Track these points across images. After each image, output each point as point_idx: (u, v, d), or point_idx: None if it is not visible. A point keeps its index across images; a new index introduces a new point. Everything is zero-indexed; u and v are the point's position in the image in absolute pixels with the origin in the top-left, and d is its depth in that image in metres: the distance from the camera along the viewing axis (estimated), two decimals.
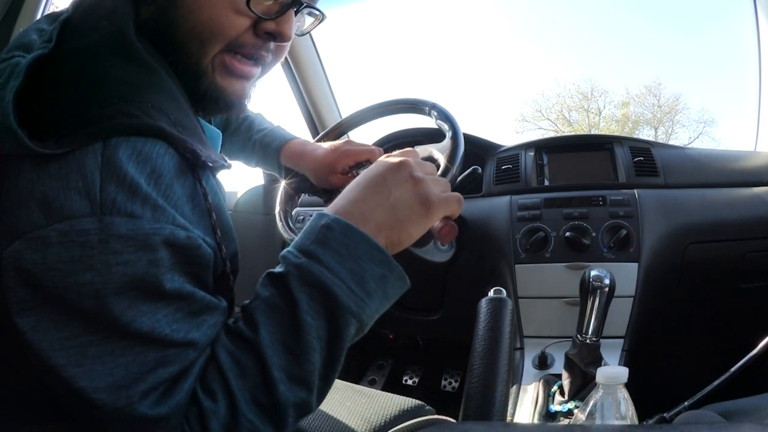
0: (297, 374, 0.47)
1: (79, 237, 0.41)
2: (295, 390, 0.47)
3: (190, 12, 0.52)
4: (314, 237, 0.49)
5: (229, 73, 0.57)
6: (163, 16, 0.53)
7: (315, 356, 0.47)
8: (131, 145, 0.44)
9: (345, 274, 0.47)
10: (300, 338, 0.46)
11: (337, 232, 0.49)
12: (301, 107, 1.61)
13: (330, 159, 0.89)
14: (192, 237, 0.46)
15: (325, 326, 0.47)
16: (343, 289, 0.47)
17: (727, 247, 1.12)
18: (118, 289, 0.42)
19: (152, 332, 0.44)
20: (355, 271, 0.48)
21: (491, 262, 1.18)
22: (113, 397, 0.42)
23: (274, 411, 0.46)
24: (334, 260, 0.48)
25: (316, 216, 0.51)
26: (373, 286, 0.48)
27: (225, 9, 0.53)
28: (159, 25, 0.53)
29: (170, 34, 0.53)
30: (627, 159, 1.23)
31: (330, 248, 0.48)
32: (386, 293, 0.50)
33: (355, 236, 0.49)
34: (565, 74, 20.41)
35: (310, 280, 0.47)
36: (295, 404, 0.47)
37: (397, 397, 0.87)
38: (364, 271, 0.48)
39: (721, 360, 0.75)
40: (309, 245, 0.49)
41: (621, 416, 0.59)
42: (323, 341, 0.47)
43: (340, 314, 0.47)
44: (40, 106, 0.46)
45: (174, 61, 0.54)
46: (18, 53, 0.48)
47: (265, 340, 0.46)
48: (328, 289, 0.47)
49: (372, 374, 1.69)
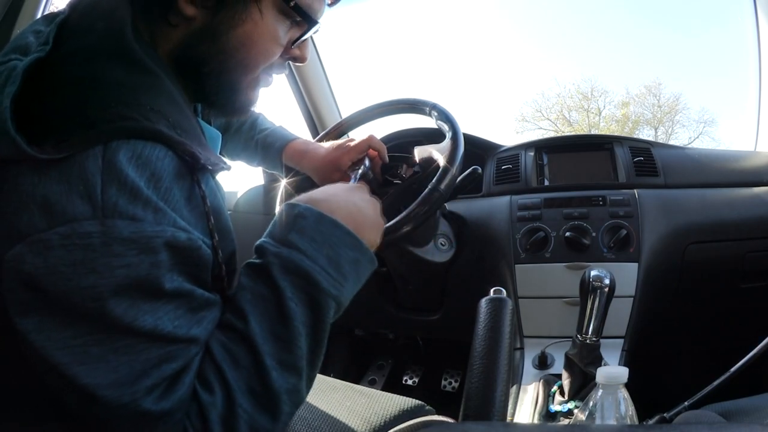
0: (287, 360, 0.48)
1: (81, 240, 0.41)
2: (286, 376, 0.48)
3: (242, 45, 0.55)
4: (290, 226, 0.52)
5: (258, 86, 0.61)
6: (205, 46, 0.54)
7: (302, 341, 0.49)
8: (131, 149, 0.44)
9: (323, 259, 0.50)
10: (287, 325, 0.48)
11: (310, 220, 0.52)
12: (301, 107, 1.61)
13: (332, 157, 0.89)
14: (192, 239, 0.47)
15: (309, 312, 0.50)
16: (323, 274, 0.50)
17: (727, 247, 1.12)
18: (120, 291, 0.43)
19: (155, 330, 0.44)
20: (331, 256, 0.51)
21: (491, 262, 1.18)
22: (117, 394, 0.43)
23: (269, 399, 0.47)
24: (312, 247, 0.50)
25: (287, 206, 0.54)
26: (348, 269, 0.52)
27: (271, 42, 0.57)
28: (197, 52, 0.55)
29: (213, 63, 0.55)
30: (627, 159, 1.23)
31: (306, 236, 0.51)
32: (359, 275, 0.53)
33: (327, 223, 0.52)
34: (565, 74, 20.37)
35: (291, 268, 0.49)
36: (287, 390, 0.48)
37: (397, 397, 0.87)
38: (339, 256, 0.51)
39: (721, 360, 0.75)
40: (286, 234, 0.51)
41: (621, 416, 0.59)
42: (308, 326, 0.50)
43: (321, 298, 0.49)
44: (38, 109, 0.45)
45: (211, 83, 0.57)
46: (15, 56, 0.48)
47: (255, 329, 0.48)
48: (309, 276, 0.49)
49: (372, 374, 1.69)
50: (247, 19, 0.54)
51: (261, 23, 0.55)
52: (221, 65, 0.56)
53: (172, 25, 0.53)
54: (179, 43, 0.54)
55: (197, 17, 0.53)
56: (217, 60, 0.55)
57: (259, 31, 0.55)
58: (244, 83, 0.58)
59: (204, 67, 0.55)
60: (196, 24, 0.53)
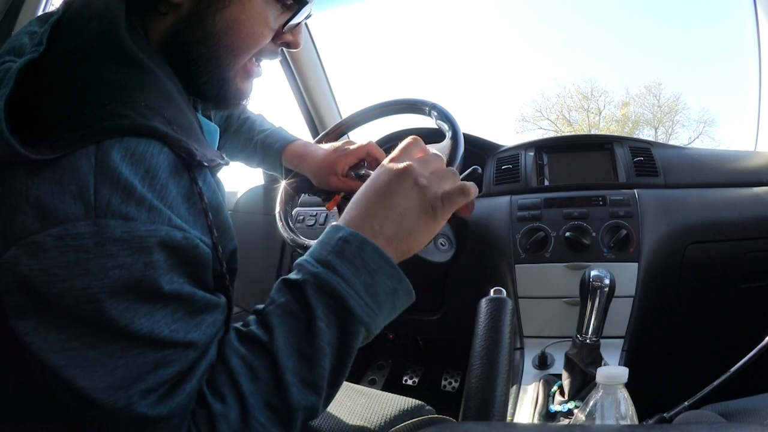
0: (309, 379, 0.48)
1: (74, 241, 0.41)
2: (305, 394, 0.48)
3: (229, 28, 0.55)
4: (331, 248, 0.51)
5: (249, 76, 0.61)
6: (192, 31, 0.55)
7: (326, 362, 0.48)
8: (124, 146, 0.44)
9: (359, 285, 0.49)
10: (313, 344, 0.48)
11: (354, 245, 0.51)
12: (301, 107, 1.61)
13: (330, 160, 0.89)
14: (188, 237, 0.46)
15: (337, 334, 0.49)
16: (357, 300, 0.49)
17: (727, 247, 1.12)
18: (115, 292, 0.42)
19: (151, 333, 0.44)
20: (369, 283, 0.50)
21: (491, 262, 1.18)
22: (113, 397, 0.42)
23: (285, 414, 0.47)
24: (350, 272, 0.49)
25: (332, 228, 0.53)
26: (384, 298, 0.50)
27: (260, 25, 0.57)
28: (185, 38, 0.55)
29: (201, 48, 0.55)
30: (627, 159, 1.23)
31: (346, 260, 0.50)
32: (394, 306, 0.52)
33: (370, 250, 0.51)
34: (565, 74, 20.42)
35: (326, 290, 0.49)
36: (305, 408, 0.48)
37: (397, 397, 0.87)
38: (377, 284, 0.50)
39: (721, 360, 0.75)
40: (326, 256, 0.50)
41: (621, 416, 0.59)
42: (334, 347, 0.49)
43: (352, 323, 0.49)
44: (32, 110, 0.45)
45: (200, 71, 0.56)
46: (9, 58, 0.48)
47: (279, 344, 0.48)
48: (343, 300, 0.48)
49: (372, 374, 1.69)
50: (234, 1, 0.54)
51: (248, 5, 0.55)
52: (209, 50, 0.56)
53: (162, 14, 0.54)
54: (168, 31, 0.55)
55: (184, 2, 0.54)
56: (205, 45, 0.55)
57: (247, 12, 0.55)
58: (232, 71, 0.58)
59: (192, 53, 0.55)
60: (184, 10, 0.54)
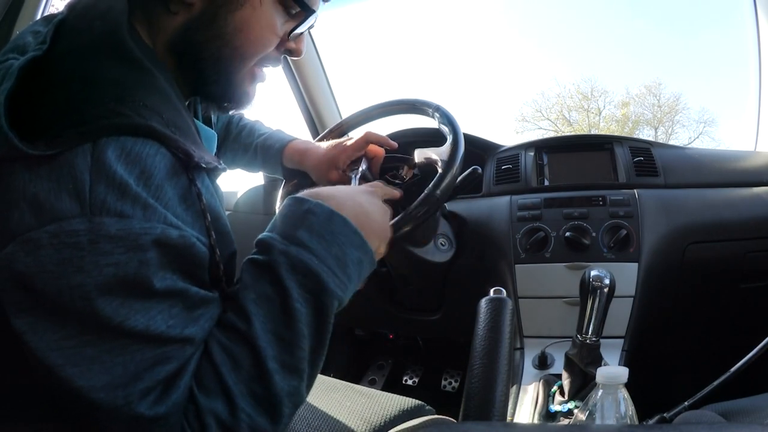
0: (289, 363, 0.48)
1: (69, 238, 0.41)
2: (288, 379, 0.48)
3: (239, 31, 0.55)
4: (298, 222, 0.50)
5: (254, 80, 0.62)
6: (203, 31, 0.55)
7: (305, 343, 0.48)
8: (120, 145, 0.44)
9: (331, 260, 0.50)
10: (292, 327, 0.48)
11: (320, 217, 0.51)
12: (301, 107, 1.61)
13: (331, 155, 0.89)
14: (185, 236, 0.46)
15: (314, 312, 0.49)
16: (331, 275, 0.49)
17: (727, 247, 1.12)
18: (109, 290, 0.42)
19: (147, 330, 0.44)
20: (338, 256, 0.50)
21: (491, 262, 1.18)
22: (111, 397, 0.42)
23: (270, 402, 0.47)
24: (321, 246, 0.50)
25: (295, 201, 0.53)
26: (352, 269, 0.51)
27: (268, 30, 0.57)
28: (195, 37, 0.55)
29: (212, 47, 0.56)
30: (627, 159, 1.23)
31: (315, 234, 0.50)
32: (360, 275, 0.53)
33: (338, 221, 0.51)
34: (565, 74, 20.41)
35: (299, 268, 0.49)
36: (289, 393, 0.48)
37: (397, 397, 0.87)
38: (346, 256, 0.51)
39: (721, 360, 0.75)
40: (294, 231, 0.50)
41: (621, 416, 0.59)
42: (312, 328, 0.49)
43: (327, 300, 0.49)
44: (33, 107, 0.45)
45: (209, 71, 0.57)
46: (13, 56, 0.49)
47: (258, 331, 0.47)
48: (318, 276, 0.48)
49: (372, 374, 1.69)
50: (246, 4, 0.55)
51: (259, 10, 0.56)
52: (219, 51, 0.56)
53: (173, 13, 0.54)
54: (178, 31, 0.55)
55: (196, 2, 0.54)
56: (214, 45, 0.56)
57: (257, 17, 0.56)
58: (240, 74, 0.59)
59: (203, 52, 0.56)
60: (196, 9, 0.54)
